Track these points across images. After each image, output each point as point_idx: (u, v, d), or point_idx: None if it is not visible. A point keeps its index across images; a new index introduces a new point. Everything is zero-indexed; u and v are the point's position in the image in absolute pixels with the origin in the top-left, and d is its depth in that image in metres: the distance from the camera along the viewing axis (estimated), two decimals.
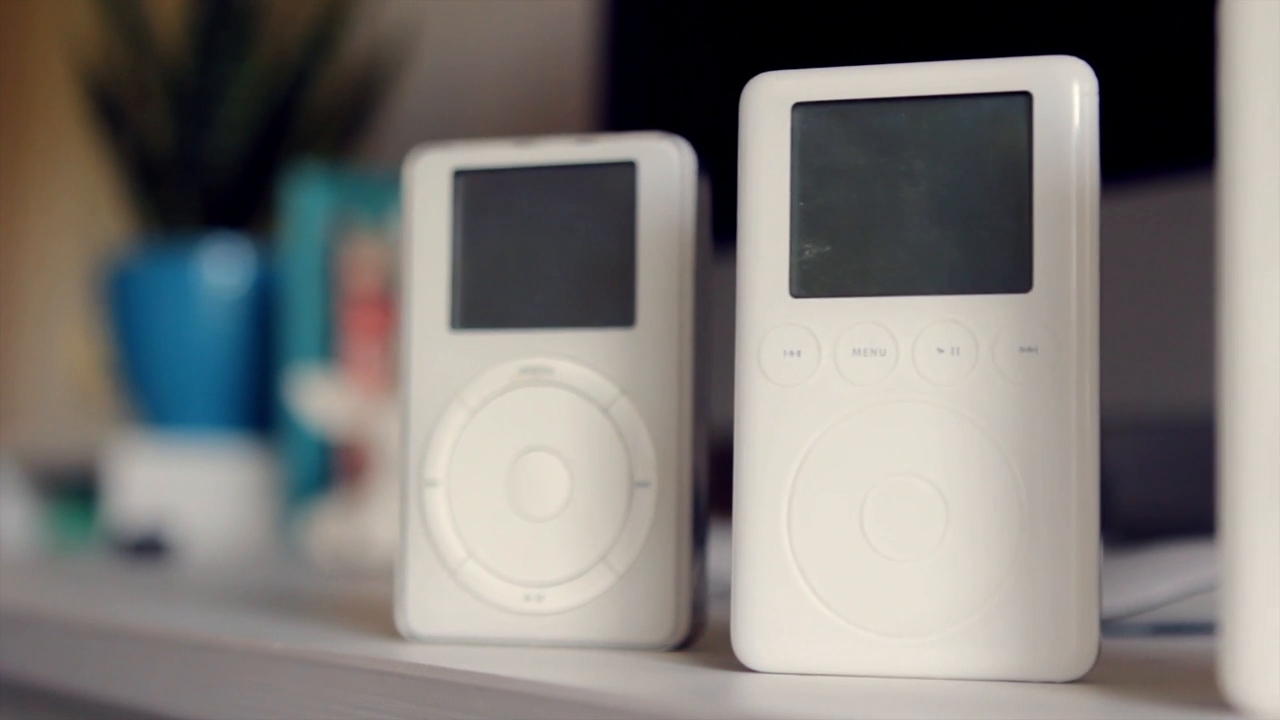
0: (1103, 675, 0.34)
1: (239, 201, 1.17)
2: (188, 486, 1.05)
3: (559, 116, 1.10)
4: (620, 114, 0.89)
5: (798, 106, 0.35)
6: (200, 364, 1.13)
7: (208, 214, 1.17)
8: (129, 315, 1.15)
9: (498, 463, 0.40)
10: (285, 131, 1.16)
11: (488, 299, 0.41)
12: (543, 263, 0.40)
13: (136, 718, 0.48)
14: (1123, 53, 0.54)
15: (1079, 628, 0.33)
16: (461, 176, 0.41)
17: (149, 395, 1.14)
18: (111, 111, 1.19)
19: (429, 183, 0.41)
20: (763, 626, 0.35)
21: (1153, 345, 0.61)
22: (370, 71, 1.18)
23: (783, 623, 0.35)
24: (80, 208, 1.56)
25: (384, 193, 1.05)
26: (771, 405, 0.35)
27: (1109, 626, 0.46)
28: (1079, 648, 0.33)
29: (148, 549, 0.90)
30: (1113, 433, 0.71)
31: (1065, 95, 0.34)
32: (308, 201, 1.05)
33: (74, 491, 1.19)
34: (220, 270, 1.13)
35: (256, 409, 1.11)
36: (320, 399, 0.92)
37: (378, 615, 0.48)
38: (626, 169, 0.40)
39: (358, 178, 1.09)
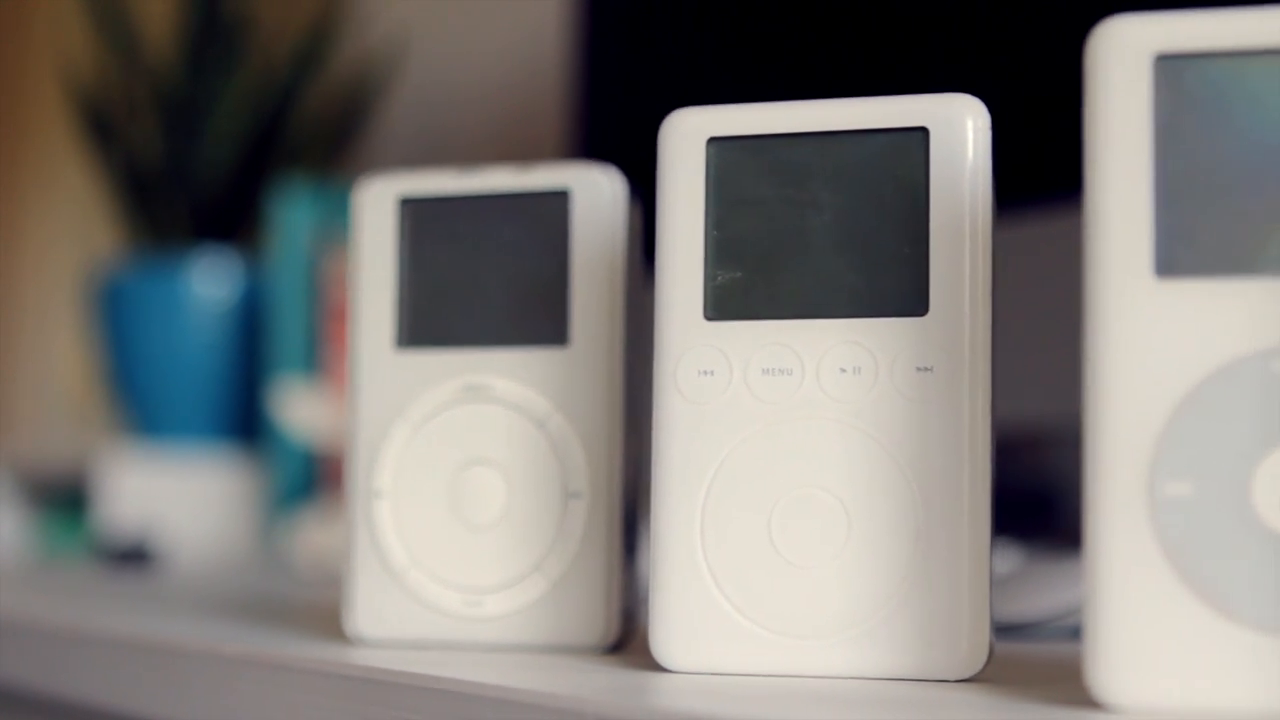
0: (995, 674, 0.37)
1: (227, 214, 1.20)
2: (175, 495, 1.07)
3: (543, 132, 1.12)
4: (594, 131, 0.91)
5: (712, 141, 0.38)
6: (188, 374, 1.16)
7: (197, 227, 1.20)
8: (119, 326, 1.18)
9: (440, 475, 0.43)
10: (273, 146, 1.19)
11: (431, 319, 0.44)
12: (482, 285, 0.43)
13: (103, 718, 0.51)
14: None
15: (970, 630, 0.36)
16: (407, 204, 0.44)
17: (138, 405, 1.17)
18: (103, 126, 1.22)
19: (376, 209, 0.44)
20: (679, 630, 0.38)
21: None
22: (357, 87, 1.21)
23: (697, 626, 0.37)
24: (72, 220, 1.59)
25: None
26: (687, 422, 0.38)
27: (1034, 629, 0.49)
28: (970, 649, 0.36)
29: (133, 557, 0.93)
30: (1060, 444, 0.73)
31: (960, 130, 0.37)
32: (293, 215, 1.07)
33: (66, 500, 1.22)
34: (209, 282, 1.15)
35: (244, 419, 1.14)
36: (304, 409, 0.95)
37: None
38: (561, 197, 0.43)
39: (344, 191, 1.11)
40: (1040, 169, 0.61)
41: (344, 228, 1.07)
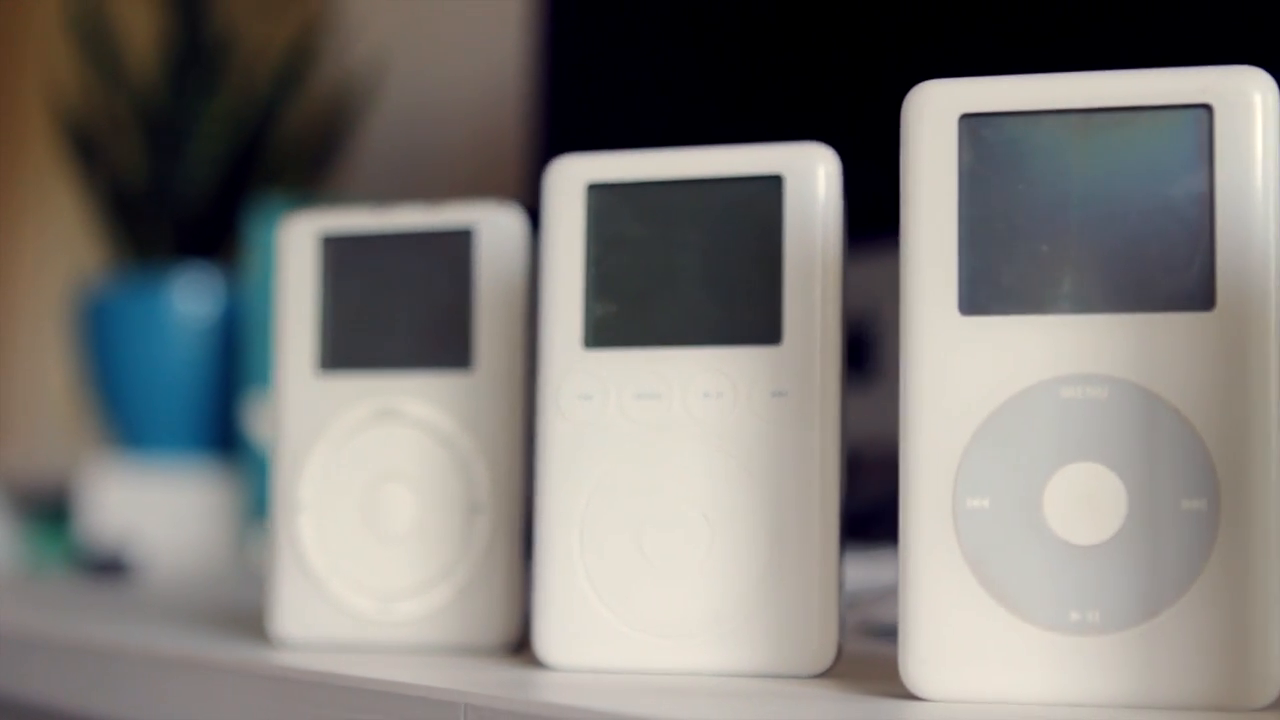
0: (843, 671, 0.42)
1: (209, 233, 1.25)
2: (155, 507, 1.12)
3: (514, 153, 1.17)
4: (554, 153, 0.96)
5: (591, 186, 0.43)
6: (170, 388, 1.21)
7: (179, 245, 1.25)
8: (103, 341, 1.23)
9: (355, 490, 0.48)
10: (253, 165, 1.24)
11: (348, 345, 0.48)
12: (395, 314, 0.48)
13: (48, 717, 0.56)
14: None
15: (820, 631, 0.41)
16: (328, 241, 0.49)
17: (121, 418, 1.22)
18: (87, 146, 1.27)
19: (299, 245, 0.49)
20: (558, 631, 0.42)
21: None
22: (336, 108, 1.26)
23: (576, 628, 0.42)
24: (58, 238, 1.64)
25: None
26: (567, 441, 0.42)
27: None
28: (820, 647, 0.41)
29: (111, 568, 0.98)
30: None
31: (812, 176, 0.41)
32: (271, 233, 1.12)
33: (51, 512, 1.27)
34: (190, 299, 1.20)
35: (223, 432, 1.19)
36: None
37: None
38: (465, 235, 0.47)
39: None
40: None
41: None
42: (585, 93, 0.96)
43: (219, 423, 1.19)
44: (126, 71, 1.27)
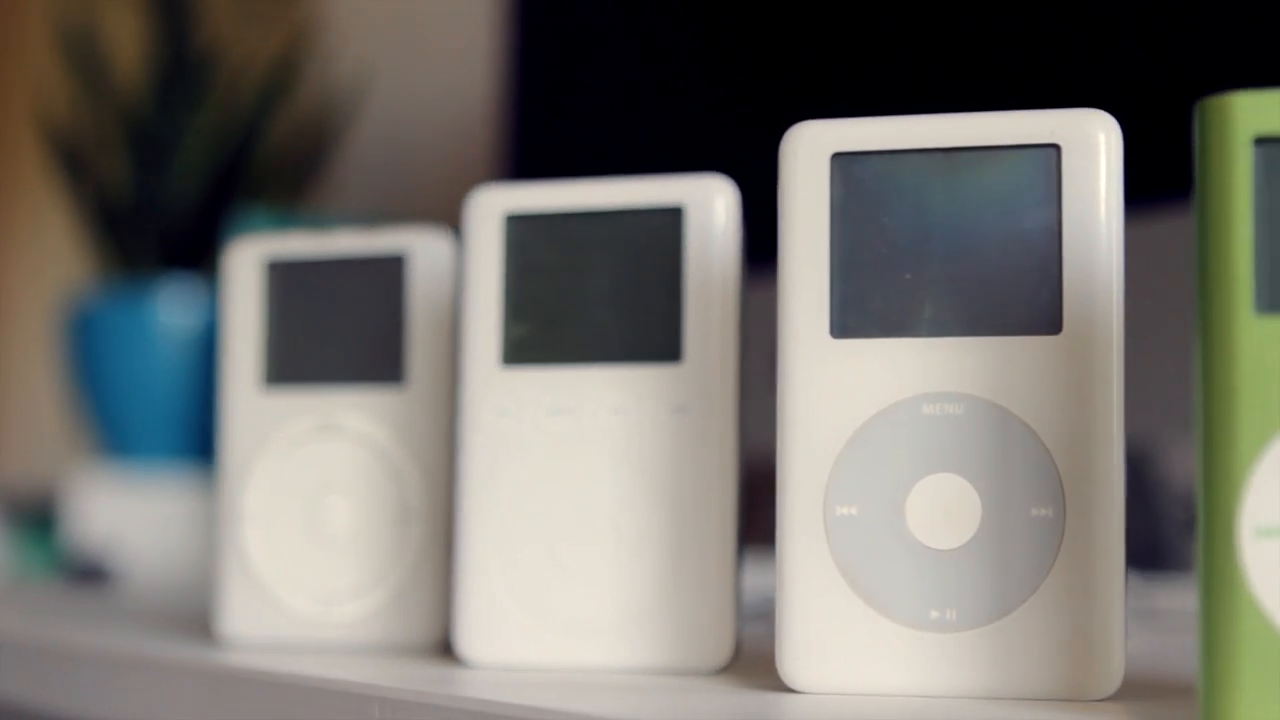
0: (740, 666, 0.45)
1: (195, 245, 1.29)
2: (140, 514, 1.16)
3: (496, 171, 1.21)
4: (525, 169, 1.00)
5: (509, 217, 0.47)
6: (155, 398, 1.25)
7: (165, 257, 1.29)
8: (90, 351, 1.27)
9: (298, 499, 0.52)
10: (238, 179, 1.28)
11: (291, 362, 0.52)
12: (334, 332, 0.52)
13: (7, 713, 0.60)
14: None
15: (718, 629, 0.44)
16: (272, 265, 0.53)
17: (108, 427, 1.26)
18: (74, 160, 1.31)
19: (245, 269, 0.53)
20: (476, 631, 0.46)
21: None
22: (320, 122, 1.30)
23: (492, 628, 0.46)
24: (45, 250, 1.68)
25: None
26: (485, 454, 0.46)
27: None
28: (717, 645, 0.44)
29: (93, 575, 1.02)
30: None
31: (711, 206, 0.45)
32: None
33: (41, 520, 1.31)
34: (176, 310, 1.24)
35: (207, 441, 1.23)
36: None
37: None
38: (398, 260, 0.51)
39: (302, 223, 1.20)
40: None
41: None
42: (552, 111, 1.00)
43: (203, 431, 1.23)
44: (113, 86, 1.31)
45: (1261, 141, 0.33)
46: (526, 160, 1.01)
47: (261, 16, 1.37)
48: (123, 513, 1.16)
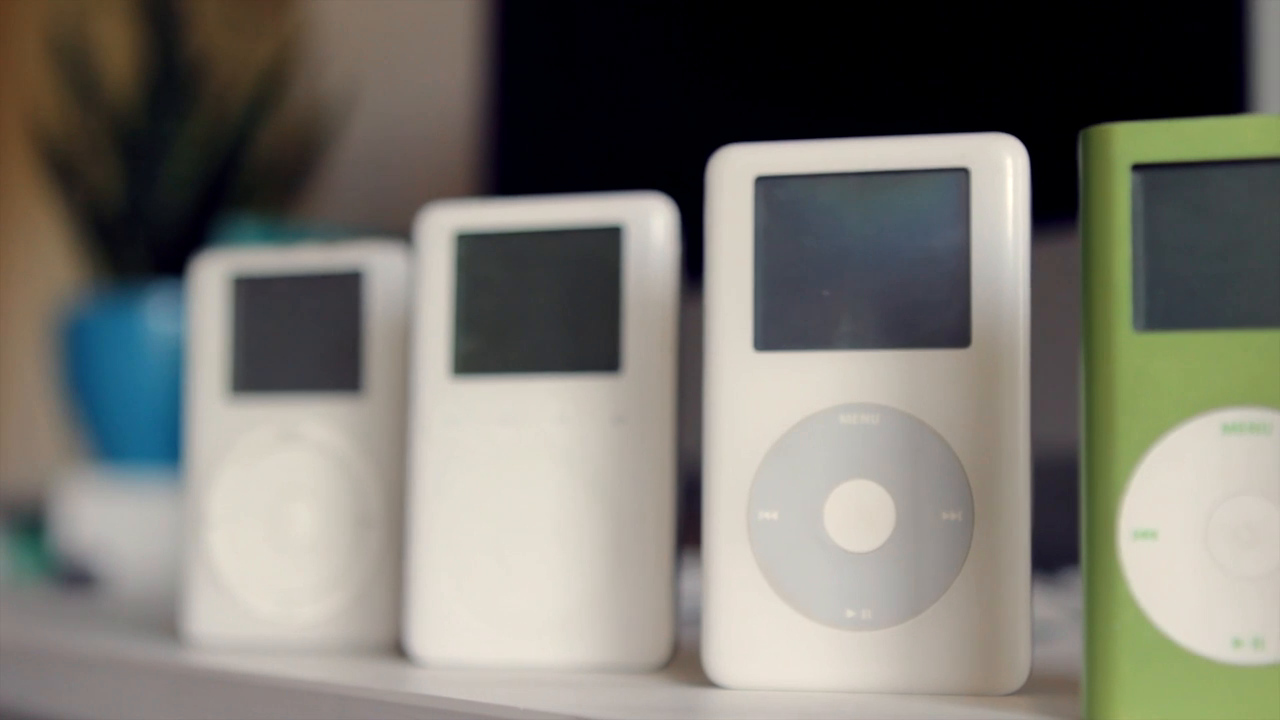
0: (679, 664, 0.48)
1: (184, 252, 1.32)
2: (129, 519, 1.19)
3: (483, 180, 1.24)
4: (505, 178, 1.03)
5: (459, 235, 0.49)
6: (145, 404, 1.28)
7: (155, 264, 1.32)
8: (81, 358, 1.30)
9: (261, 505, 0.54)
10: (227, 187, 1.31)
11: (255, 373, 0.55)
12: (296, 345, 0.55)
13: None
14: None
15: (657, 629, 0.47)
16: (237, 280, 0.55)
17: (98, 433, 1.29)
18: (65, 168, 1.34)
19: (211, 284, 0.56)
20: (427, 631, 0.49)
21: None
22: (308, 132, 1.33)
23: (442, 627, 0.49)
24: (37, 258, 1.72)
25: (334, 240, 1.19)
26: (436, 461, 0.49)
27: None
28: (656, 644, 0.47)
29: (80, 579, 1.05)
30: None
31: (649, 225, 0.48)
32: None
33: (32, 525, 1.34)
34: (165, 317, 1.27)
35: None
36: None
37: None
38: (356, 276, 0.54)
39: (289, 231, 1.23)
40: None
41: None
42: (531, 123, 1.03)
43: None
44: (104, 95, 1.34)
45: (1139, 168, 0.36)
46: (506, 172, 1.04)
47: (250, 27, 1.40)
48: (111, 517, 1.18)
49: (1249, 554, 0.35)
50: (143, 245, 1.32)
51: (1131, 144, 0.36)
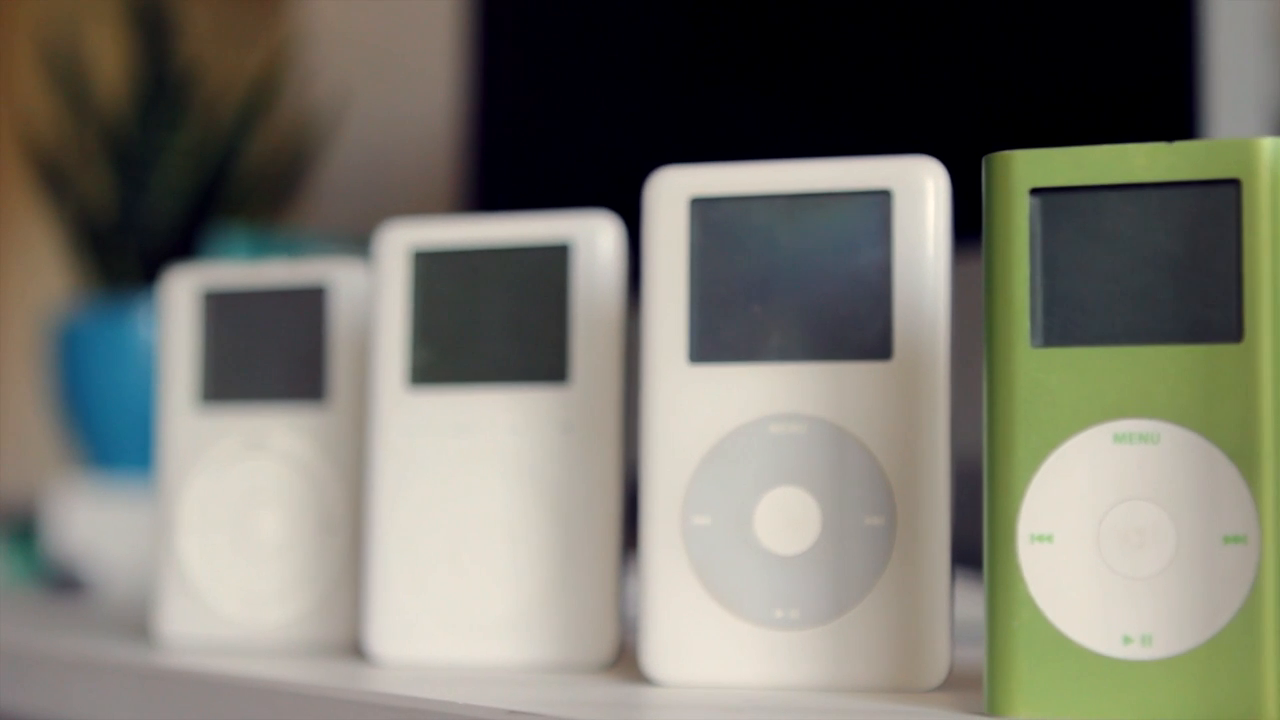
0: (625, 663, 0.50)
1: (174, 261, 1.35)
2: (119, 525, 1.22)
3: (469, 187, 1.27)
4: (488, 190, 1.06)
5: (417, 253, 0.52)
6: (136, 411, 1.30)
7: (146, 273, 1.34)
8: (73, 365, 1.33)
9: (229, 511, 0.57)
10: (218, 196, 1.34)
11: (223, 383, 0.58)
12: (262, 356, 0.57)
13: None
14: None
15: (603, 629, 0.50)
16: (207, 295, 0.58)
17: (89, 439, 1.32)
18: (57, 177, 1.37)
19: (181, 298, 0.58)
20: (385, 629, 0.51)
21: None
22: (297, 142, 1.36)
23: (399, 626, 0.51)
24: (28, 266, 1.75)
25: (301, 255, 1.22)
26: (393, 468, 0.52)
27: None
28: (604, 643, 0.50)
29: (68, 584, 1.08)
30: None
31: (597, 242, 0.51)
32: (229, 262, 1.22)
33: (25, 530, 1.37)
34: (156, 325, 1.30)
35: None
36: None
37: None
38: (320, 291, 0.57)
39: (276, 241, 1.26)
40: None
41: None
42: (514, 132, 1.05)
43: None
44: (96, 105, 1.37)
45: (1037, 192, 0.38)
46: (489, 181, 1.06)
47: (241, 38, 1.43)
48: (101, 522, 1.21)
49: (1138, 556, 0.37)
50: (134, 254, 1.35)
51: (1030, 169, 0.38)
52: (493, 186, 1.07)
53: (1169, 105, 0.71)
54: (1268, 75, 0.73)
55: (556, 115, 1.02)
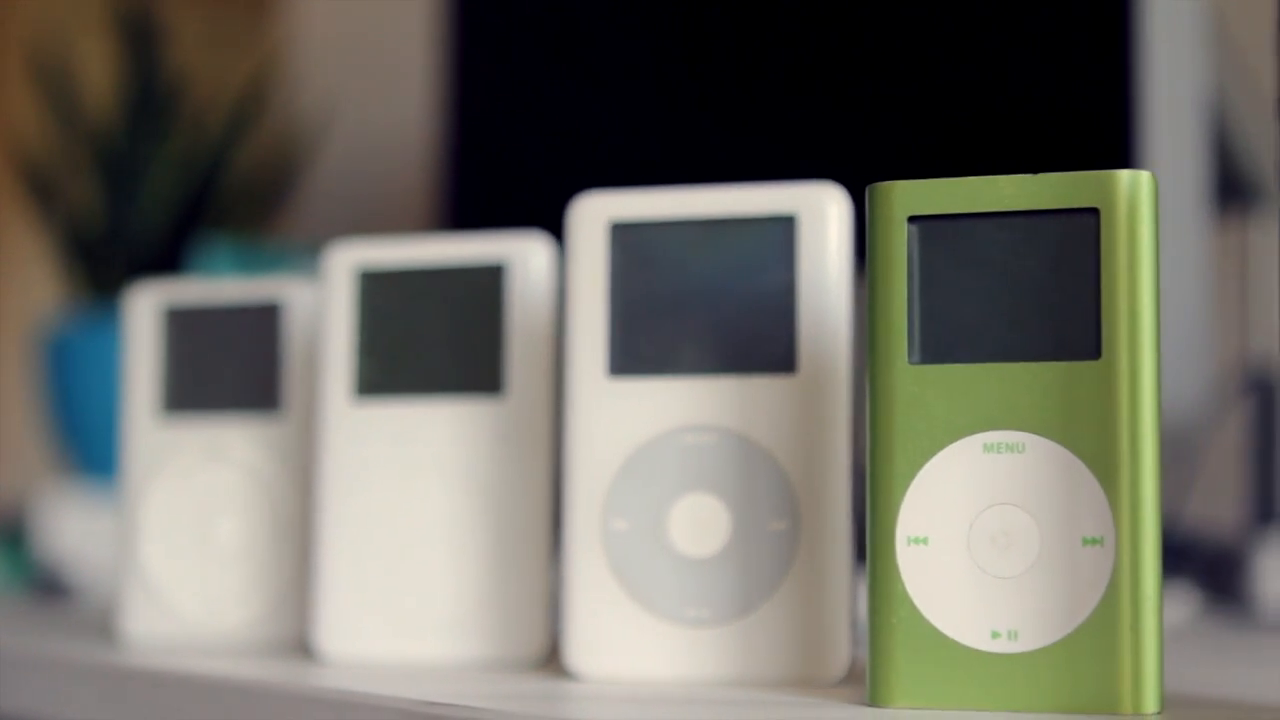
0: (559, 659, 0.54)
1: (163, 271, 1.39)
2: (105, 531, 1.26)
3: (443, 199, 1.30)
4: (463, 201, 1.10)
5: (362, 273, 0.56)
6: None
7: (135, 283, 1.38)
8: (62, 374, 1.37)
9: (190, 517, 0.61)
10: (205, 207, 1.38)
11: (183, 395, 0.61)
12: (222, 370, 0.61)
13: None
14: None
15: (535, 628, 0.53)
16: (170, 312, 0.62)
17: (78, 446, 1.36)
18: (46, 188, 1.41)
19: (144, 314, 0.62)
20: (333, 627, 0.55)
21: None
22: (284, 153, 1.40)
23: (345, 625, 0.55)
24: (17, 277, 1.79)
25: (286, 265, 1.26)
26: (340, 476, 0.55)
27: None
28: (534, 640, 0.53)
29: (55, 589, 1.11)
30: None
31: (530, 261, 0.54)
32: (212, 273, 1.26)
33: (14, 536, 1.41)
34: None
35: None
36: None
37: None
38: (274, 309, 0.60)
39: (262, 252, 1.30)
40: None
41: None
42: (488, 143, 1.09)
43: None
44: (85, 116, 1.41)
45: (915, 220, 0.42)
46: (464, 193, 1.10)
47: (228, 49, 1.47)
48: (87, 528, 1.25)
49: (1005, 557, 0.41)
50: (122, 263, 1.39)
51: (908, 199, 0.42)
52: (467, 198, 1.10)
53: (1106, 114, 0.74)
54: (1201, 77, 0.76)
55: (532, 126, 1.06)
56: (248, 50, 1.49)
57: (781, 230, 0.48)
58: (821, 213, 0.48)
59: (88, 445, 1.36)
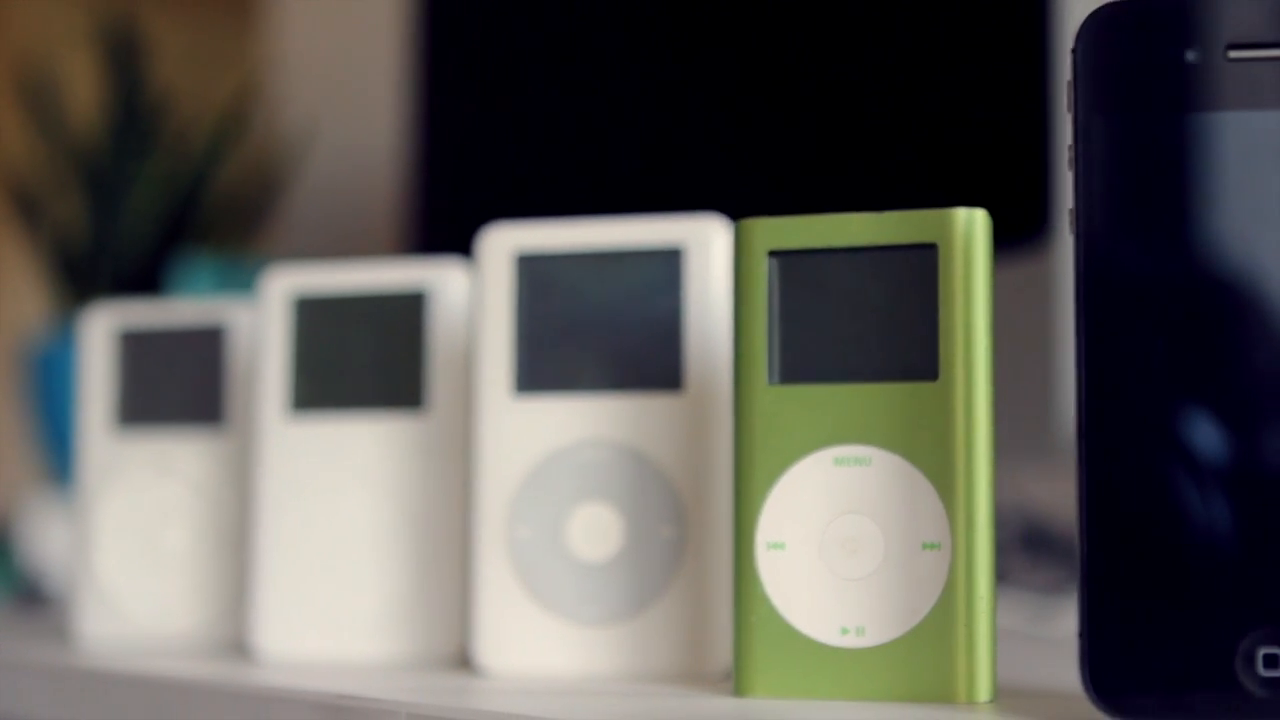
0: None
1: (147, 287, 1.44)
2: None
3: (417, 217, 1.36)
4: (435, 223, 1.15)
5: (298, 299, 0.61)
6: None
7: (118, 298, 1.44)
8: (46, 387, 1.43)
9: (144, 528, 0.66)
10: (188, 223, 1.44)
11: (133, 410, 0.67)
12: (171, 387, 0.67)
13: None
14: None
15: (455, 623, 0.59)
16: (125, 335, 0.68)
17: (63, 459, 1.42)
18: (31, 204, 1.47)
19: (98, 336, 0.68)
20: (272, 625, 0.60)
21: None
22: (267, 169, 1.45)
23: (282, 628, 0.60)
24: (3, 291, 1.85)
25: None
26: (275, 487, 0.61)
27: None
28: (453, 639, 0.59)
29: (35, 597, 1.17)
30: None
31: (449, 287, 0.60)
32: (193, 289, 1.32)
33: (2, 546, 1.46)
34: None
35: None
36: None
37: None
38: (216, 332, 0.66)
39: (241, 268, 1.36)
40: None
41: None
42: (460, 162, 1.15)
43: None
44: (70, 133, 1.47)
45: (774, 254, 0.47)
46: (433, 212, 1.16)
47: (212, 67, 1.52)
48: (68, 539, 1.31)
49: (853, 560, 0.46)
50: (106, 279, 1.45)
51: (769, 234, 0.47)
52: (438, 216, 1.16)
53: (1022, 144, 0.80)
54: None
55: (499, 148, 1.11)
56: (231, 68, 1.55)
57: (670, 260, 0.54)
58: (707, 244, 0.53)
59: (71, 457, 1.42)
